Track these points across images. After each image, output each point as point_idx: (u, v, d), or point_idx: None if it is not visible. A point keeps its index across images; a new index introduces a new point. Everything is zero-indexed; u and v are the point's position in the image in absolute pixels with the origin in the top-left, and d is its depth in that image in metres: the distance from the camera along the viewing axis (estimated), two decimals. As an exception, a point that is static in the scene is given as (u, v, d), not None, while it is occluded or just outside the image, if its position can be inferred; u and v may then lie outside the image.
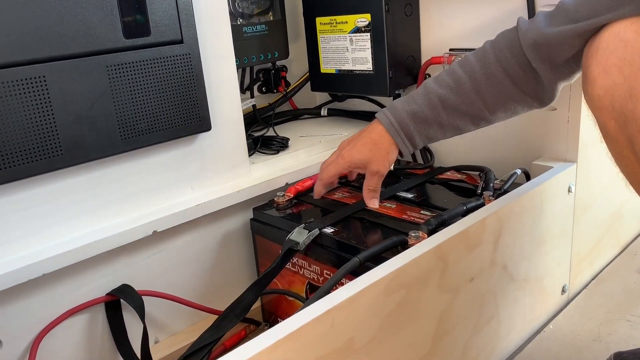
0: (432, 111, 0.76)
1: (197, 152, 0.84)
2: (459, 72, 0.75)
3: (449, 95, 0.75)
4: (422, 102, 0.76)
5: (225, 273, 0.94)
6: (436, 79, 0.77)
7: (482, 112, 0.76)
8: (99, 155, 0.72)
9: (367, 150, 0.78)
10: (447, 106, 0.75)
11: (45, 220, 0.71)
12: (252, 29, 1.00)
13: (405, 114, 0.76)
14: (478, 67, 0.74)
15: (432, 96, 0.75)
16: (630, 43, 0.57)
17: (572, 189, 0.86)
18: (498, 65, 0.72)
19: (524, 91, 0.73)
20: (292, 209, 0.90)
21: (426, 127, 0.77)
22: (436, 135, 0.78)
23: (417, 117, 0.76)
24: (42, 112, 0.66)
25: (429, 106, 0.76)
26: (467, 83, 0.74)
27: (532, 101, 0.75)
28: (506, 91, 0.74)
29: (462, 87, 0.74)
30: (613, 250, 1.06)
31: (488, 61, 0.73)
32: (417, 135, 0.77)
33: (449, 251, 0.66)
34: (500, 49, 0.73)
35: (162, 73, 0.75)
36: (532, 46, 0.69)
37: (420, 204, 0.86)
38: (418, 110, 0.76)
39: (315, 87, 1.14)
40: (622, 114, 0.58)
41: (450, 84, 0.75)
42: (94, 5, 0.68)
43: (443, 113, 0.76)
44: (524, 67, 0.71)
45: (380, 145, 0.78)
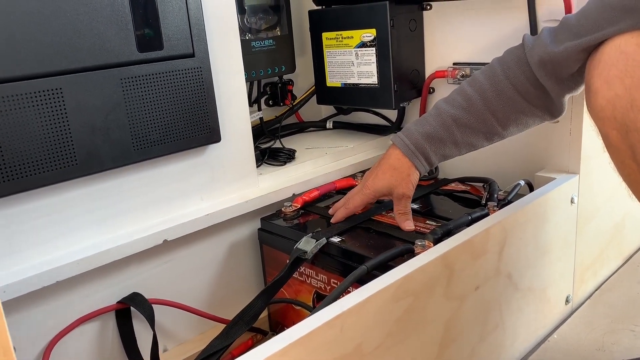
0: (446, 131, 0.77)
1: (206, 163, 0.86)
2: (469, 91, 0.77)
3: (462, 114, 0.77)
4: (435, 123, 0.78)
5: (232, 282, 0.95)
6: (447, 100, 0.79)
7: (494, 128, 0.78)
8: (112, 165, 0.73)
9: (389, 177, 0.80)
10: (460, 125, 0.77)
11: (59, 229, 0.72)
12: (260, 43, 1.02)
13: (420, 136, 0.78)
14: (488, 84, 0.76)
15: (445, 116, 0.77)
16: (631, 56, 0.59)
17: (574, 200, 0.88)
18: (507, 82, 0.75)
19: (534, 105, 0.75)
20: (299, 219, 0.91)
21: (441, 147, 0.79)
22: (451, 154, 0.80)
23: (432, 138, 0.78)
24: (59, 123, 0.68)
25: (443, 126, 0.78)
26: (478, 101, 0.76)
27: (542, 114, 0.77)
28: (517, 106, 0.76)
29: (473, 106, 0.76)
30: (616, 261, 1.07)
31: (497, 78, 0.75)
32: (433, 155, 0.79)
33: (455, 259, 0.68)
34: (508, 66, 0.75)
35: (174, 86, 0.77)
36: (538, 63, 0.71)
37: (425, 214, 0.88)
38: (432, 132, 0.78)
39: (321, 100, 1.16)
40: (624, 124, 0.60)
41: (462, 103, 0.77)
42: (110, 19, 0.70)
43: (457, 132, 0.78)
44: (533, 82, 0.73)
45: (400, 170, 0.80)
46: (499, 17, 0.92)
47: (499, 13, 0.92)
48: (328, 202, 0.96)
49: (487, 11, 0.93)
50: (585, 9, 0.68)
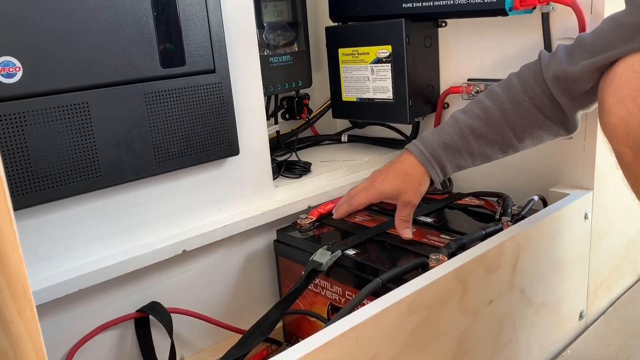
0: (463, 141, 0.79)
1: (224, 176, 0.88)
2: (486, 102, 0.78)
3: (479, 125, 0.78)
4: (452, 133, 0.79)
5: (248, 292, 0.97)
6: (464, 111, 0.81)
7: (510, 141, 0.79)
8: (134, 177, 0.76)
9: (399, 181, 0.81)
10: (477, 135, 0.78)
11: (83, 238, 0.74)
12: (278, 59, 1.05)
13: (437, 144, 0.80)
14: (505, 97, 0.77)
15: (463, 126, 0.79)
16: None
17: (588, 215, 0.88)
18: (525, 95, 0.76)
19: (550, 119, 0.77)
20: (314, 231, 0.93)
21: (457, 156, 0.80)
22: (466, 164, 0.81)
23: (449, 147, 0.79)
24: (85, 136, 0.70)
25: (460, 136, 0.79)
26: (495, 113, 0.77)
27: (558, 129, 0.78)
28: (534, 119, 0.77)
29: (491, 117, 0.77)
30: (631, 277, 1.06)
31: (515, 91, 0.77)
32: (449, 164, 0.80)
33: (469, 273, 0.69)
34: (525, 80, 0.76)
35: (195, 100, 0.80)
36: (552, 79, 0.73)
37: (439, 228, 0.89)
38: (449, 140, 0.79)
39: (336, 115, 1.18)
40: (637, 142, 0.61)
41: (480, 114, 0.78)
42: (135, 37, 0.73)
43: (474, 142, 0.79)
44: (549, 96, 0.75)
45: (412, 176, 0.81)
46: (514, 34, 0.94)
47: (514, 31, 0.94)
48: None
49: (501, 29, 0.95)
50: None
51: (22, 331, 0.36)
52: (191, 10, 0.77)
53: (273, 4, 1.03)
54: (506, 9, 0.84)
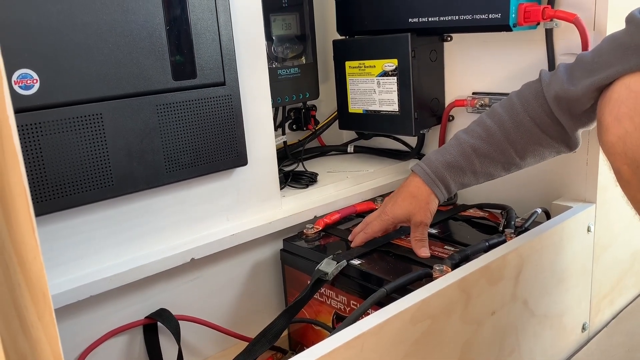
0: (466, 160, 0.80)
1: (233, 185, 0.90)
2: (488, 122, 0.80)
3: (481, 144, 0.79)
4: (455, 153, 0.81)
5: (254, 301, 0.98)
6: (466, 131, 0.82)
7: (513, 159, 0.80)
8: (145, 186, 0.78)
9: (408, 204, 0.83)
10: (480, 155, 0.80)
11: (94, 245, 0.76)
12: (287, 71, 1.07)
13: (441, 164, 0.81)
14: (507, 116, 0.78)
15: (465, 146, 0.80)
16: None
17: (591, 228, 0.89)
18: (526, 115, 0.77)
19: (551, 137, 0.78)
20: (320, 240, 0.94)
21: (461, 176, 0.81)
22: (470, 182, 0.83)
23: (452, 167, 0.81)
24: (98, 146, 0.72)
25: (463, 156, 0.80)
26: (497, 132, 0.79)
27: (559, 146, 0.79)
28: (535, 138, 0.78)
29: (493, 137, 0.79)
30: (634, 289, 1.07)
31: (516, 111, 0.78)
32: (453, 183, 0.82)
33: (472, 285, 0.70)
34: (526, 100, 0.78)
35: (206, 112, 0.82)
36: (554, 99, 0.74)
37: (444, 239, 0.90)
38: (452, 161, 0.81)
39: (343, 126, 1.20)
40: (634, 160, 0.63)
41: (482, 134, 0.80)
42: (148, 50, 0.75)
43: (477, 161, 0.80)
44: (550, 115, 0.76)
45: (419, 197, 0.82)
46: (518, 49, 0.96)
47: (518, 46, 0.95)
48: (349, 225, 0.99)
49: (506, 44, 0.97)
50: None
51: (41, 335, 0.37)
52: (202, 24, 0.80)
53: (282, 18, 1.05)
54: (510, 25, 0.86)
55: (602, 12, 0.84)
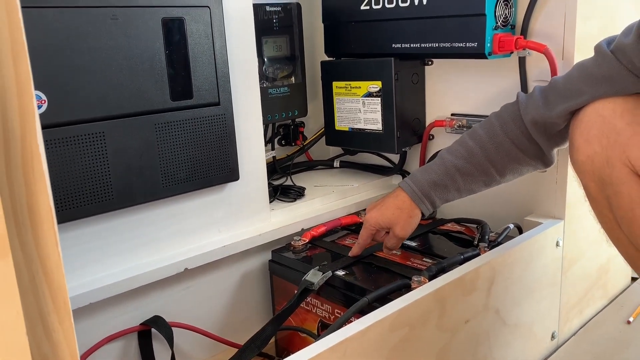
0: (450, 179, 0.86)
1: (225, 199, 0.95)
2: (470, 143, 0.85)
3: (464, 164, 0.85)
4: (440, 172, 0.87)
5: (244, 309, 1.03)
6: (449, 151, 0.88)
7: (493, 176, 0.86)
8: (143, 200, 0.82)
9: (391, 214, 0.88)
10: (463, 174, 0.86)
11: (94, 255, 0.81)
12: (277, 90, 1.12)
13: (426, 183, 0.87)
14: (487, 138, 0.84)
15: (449, 166, 0.86)
16: (607, 119, 0.68)
17: (560, 243, 0.96)
18: (505, 136, 0.83)
19: (529, 156, 0.84)
20: (307, 252, 0.99)
21: (445, 193, 0.87)
22: (454, 198, 0.89)
23: (437, 185, 0.87)
24: (100, 162, 0.77)
25: (447, 175, 0.86)
26: (479, 153, 0.85)
27: (536, 164, 0.86)
28: (514, 157, 0.84)
29: (474, 157, 0.85)
30: (601, 301, 1.14)
31: (495, 132, 0.84)
32: (438, 199, 0.88)
33: (447, 295, 0.76)
34: (505, 122, 0.84)
35: (201, 130, 0.87)
36: (531, 122, 0.80)
37: (423, 252, 0.96)
38: (437, 179, 0.86)
39: (329, 142, 1.26)
40: (601, 178, 0.69)
41: (464, 154, 0.86)
42: (148, 72, 0.80)
43: (460, 180, 0.86)
44: (528, 137, 0.82)
45: (404, 210, 0.88)
46: (494, 74, 1.02)
47: (494, 71, 1.02)
48: (334, 237, 1.05)
49: (482, 69, 1.03)
50: (570, 74, 0.77)
51: (61, 338, 0.42)
52: (199, 48, 0.85)
53: (273, 40, 1.11)
54: (486, 53, 0.93)
55: (570, 42, 0.91)
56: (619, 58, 0.68)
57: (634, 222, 0.68)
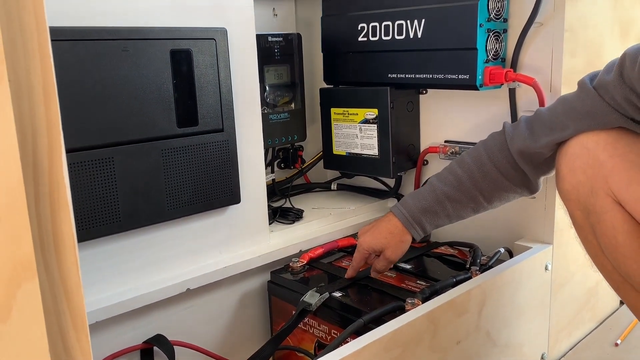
0: (440, 206, 0.90)
1: (226, 221, 0.98)
2: (459, 171, 0.89)
3: (453, 192, 0.89)
4: (430, 199, 0.90)
5: (243, 328, 1.06)
6: (439, 178, 0.91)
7: (481, 203, 0.90)
8: (148, 222, 0.86)
9: (383, 238, 0.92)
10: (452, 201, 0.89)
11: (99, 275, 0.84)
12: (277, 116, 1.17)
13: (417, 209, 0.91)
14: (475, 167, 0.88)
15: (439, 193, 0.90)
16: (592, 151, 0.72)
17: (548, 267, 1.00)
18: (492, 165, 0.87)
19: (515, 184, 0.88)
20: (305, 273, 1.03)
21: (435, 218, 0.91)
22: (443, 223, 0.92)
23: (428, 212, 0.90)
24: (109, 186, 0.80)
25: (437, 202, 0.90)
26: (467, 181, 0.88)
27: (522, 191, 0.89)
28: (500, 185, 0.88)
29: (463, 185, 0.89)
30: (590, 323, 1.17)
31: (482, 162, 0.88)
32: (428, 225, 0.91)
33: (439, 317, 0.79)
34: (492, 152, 0.87)
35: (205, 155, 0.91)
36: (517, 153, 0.84)
37: (417, 274, 0.99)
38: (428, 206, 0.90)
39: (327, 166, 1.30)
40: (586, 207, 0.73)
41: (453, 182, 0.89)
42: (156, 101, 0.84)
43: (449, 206, 0.90)
44: (514, 166, 0.86)
45: (395, 234, 0.92)
46: (485, 104, 1.07)
47: (485, 101, 1.07)
48: (331, 259, 1.08)
49: (474, 99, 1.08)
50: (554, 107, 0.81)
51: (78, 355, 0.45)
52: (205, 78, 0.89)
53: (274, 69, 1.16)
54: (477, 85, 0.97)
55: (557, 76, 0.96)
56: (601, 94, 0.72)
57: (617, 249, 0.72)
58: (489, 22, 0.96)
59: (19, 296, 0.37)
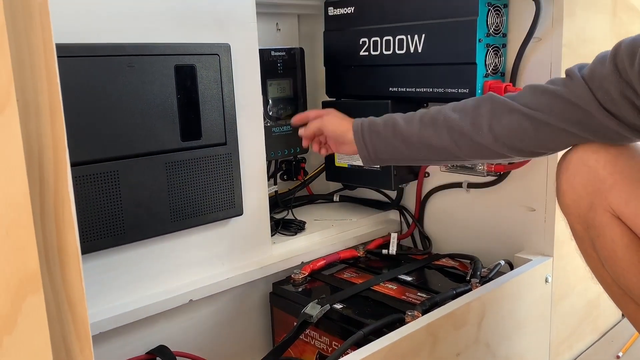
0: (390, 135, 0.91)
1: (228, 233, 1.00)
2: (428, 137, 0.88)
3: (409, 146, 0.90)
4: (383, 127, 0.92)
5: (245, 339, 1.07)
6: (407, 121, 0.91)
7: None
8: (152, 234, 0.87)
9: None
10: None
11: (104, 286, 0.85)
12: (280, 129, 1.18)
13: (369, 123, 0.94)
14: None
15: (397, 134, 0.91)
16: (592, 169, 0.73)
17: (549, 279, 1.00)
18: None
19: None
20: (306, 285, 1.04)
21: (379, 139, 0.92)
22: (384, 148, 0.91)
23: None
24: (113, 199, 0.82)
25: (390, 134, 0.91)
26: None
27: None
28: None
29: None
30: (592, 335, 1.17)
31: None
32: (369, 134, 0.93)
33: (439, 329, 0.80)
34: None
35: (208, 168, 0.92)
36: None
37: (417, 286, 1.00)
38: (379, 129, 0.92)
39: (329, 178, 1.31)
40: (586, 221, 0.74)
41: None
42: (160, 115, 0.86)
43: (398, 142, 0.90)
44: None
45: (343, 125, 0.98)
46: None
47: (485, 114, 1.08)
48: (333, 271, 1.09)
49: (475, 112, 1.09)
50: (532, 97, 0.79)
51: (81, 365, 0.47)
52: (209, 93, 0.91)
53: (277, 82, 1.17)
54: (477, 99, 0.99)
55: (556, 90, 0.97)
56: (592, 88, 0.70)
57: (616, 263, 0.73)
58: (488, 37, 0.97)
59: (24, 308, 0.38)
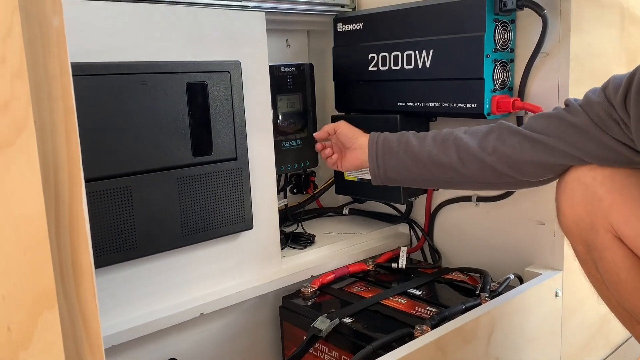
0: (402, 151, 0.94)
1: (239, 247, 1.01)
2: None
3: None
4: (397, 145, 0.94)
5: (255, 353, 1.07)
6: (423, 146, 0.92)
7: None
8: (164, 248, 0.88)
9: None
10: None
11: (117, 300, 0.86)
12: (290, 143, 1.20)
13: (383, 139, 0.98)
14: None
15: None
16: (590, 187, 0.73)
17: (559, 293, 1.00)
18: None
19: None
20: (316, 299, 1.04)
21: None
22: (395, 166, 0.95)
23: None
24: (126, 213, 0.83)
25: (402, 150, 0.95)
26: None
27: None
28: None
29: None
30: (604, 350, 1.16)
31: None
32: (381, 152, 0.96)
33: (448, 343, 0.80)
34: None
35: (219, 183, 0.94)
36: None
37: (427, 300, 1.00)
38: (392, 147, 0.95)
39: (339, 191, 1.32)
40: (587, 241, 0.74)
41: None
42: (172, 132, 0.87)
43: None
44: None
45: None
46: (494, 132, 1.08)
47: (494, 129, 1.08)
48: (342, 284, 1.09)
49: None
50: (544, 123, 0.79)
51: (94, 379, 0.47)
52: (220, 109, 0.92)
53: (287, 97, 1.19)
54: (485, 114, 0.99)
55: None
56: (586, 111, 0.72)
57: (620, 285, 0.72)
58: (496, 53, 0.98)
59: (40, 324, 0.40)
